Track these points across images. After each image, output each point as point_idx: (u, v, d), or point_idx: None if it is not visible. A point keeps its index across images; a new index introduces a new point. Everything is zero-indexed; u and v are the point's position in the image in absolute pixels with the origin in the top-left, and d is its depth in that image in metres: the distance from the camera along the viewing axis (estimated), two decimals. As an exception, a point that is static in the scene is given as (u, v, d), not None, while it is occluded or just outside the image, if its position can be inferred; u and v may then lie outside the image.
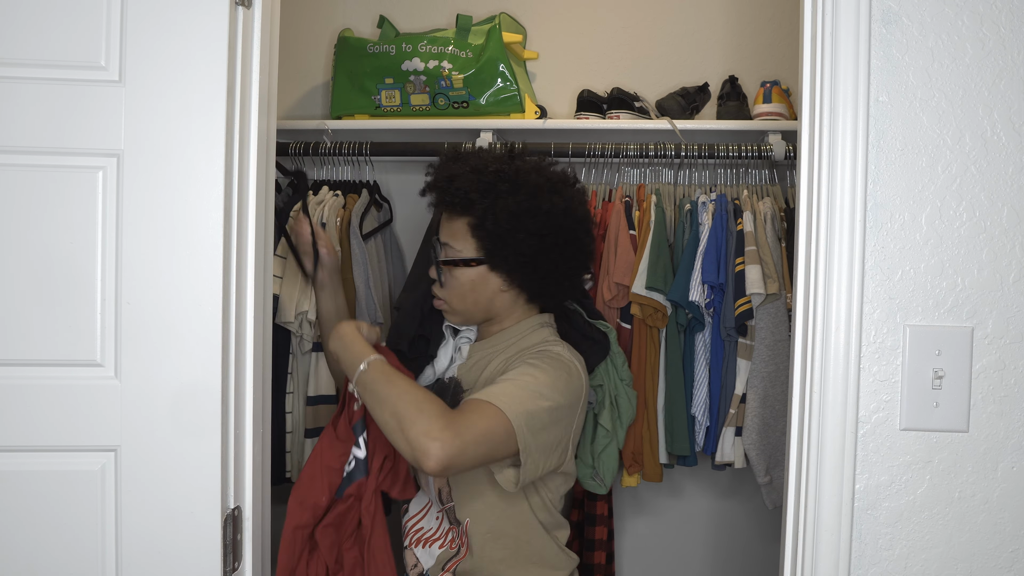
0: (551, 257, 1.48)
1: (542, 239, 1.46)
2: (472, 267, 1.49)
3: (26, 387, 1.12)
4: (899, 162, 1.07)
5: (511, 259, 1.47)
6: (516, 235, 1.45)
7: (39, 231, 1.11)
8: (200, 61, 1.11)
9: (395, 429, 1.31)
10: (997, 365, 1.07)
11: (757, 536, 2.34)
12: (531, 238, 1.45)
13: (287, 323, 2.02)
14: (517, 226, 1.45)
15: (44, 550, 1.13)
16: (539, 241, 1.46)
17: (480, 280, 1.49)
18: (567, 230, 1.49)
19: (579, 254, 1.54)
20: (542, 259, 1.47)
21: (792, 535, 1.12)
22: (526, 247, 1.46)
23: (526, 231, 1.45)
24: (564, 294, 1.58)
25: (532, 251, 1.46)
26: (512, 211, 1.44)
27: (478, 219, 1.47)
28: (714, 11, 2.31)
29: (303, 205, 1.77)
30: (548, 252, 1.47)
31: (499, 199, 1.45)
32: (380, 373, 1.37)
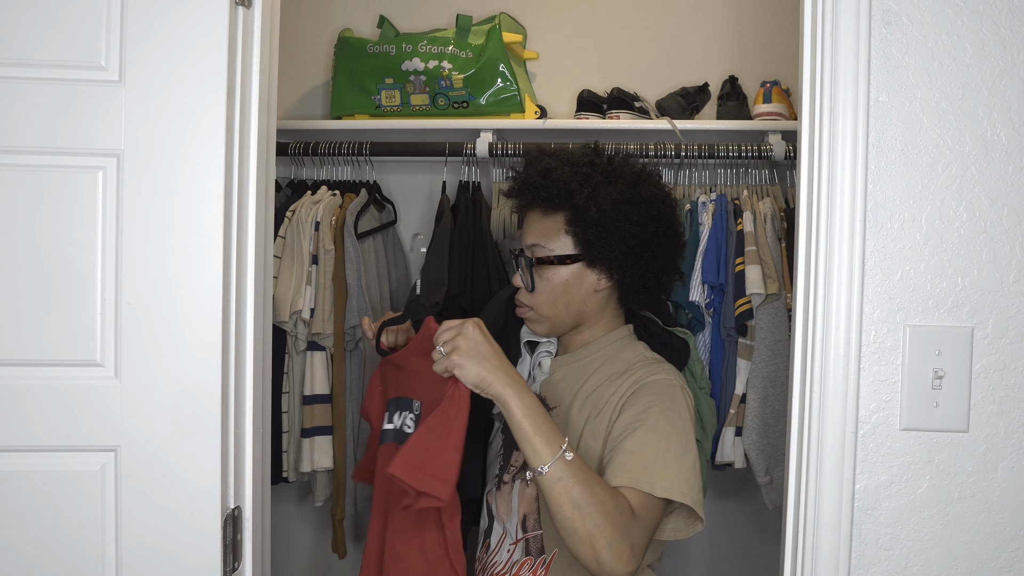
0: (651, 247, 1.43)
1: (644, 228, 1.42)
2: (567, 264, 1.42)
3: (26, 387, 1.12)
4: (899, 162, 1.07)
5: (614, 250, 1.41)
6: (620, 224, 1.40)
7: (39, 231, 1.11)
8: (200, 61, 1.11)
9: (579, 535, 1.18)
10: (997, 365, 1.07)
11: (757, 536, 2.34)
12: (634, 227, 1.41)
13: (281, 322, 2.02)
14: (620, 215, 1.40)
15: (44, 550, 1.13)
16: (641, 231, 1.42)
17: (575, 279, 1.43)
18: (666, 220, 1.46)
19: (677, 244, 1.50)
20: (643, 250, 1.43)
21: (792, 535, 1.12)
22: (629, 236, 1.41)
23: (629, 220, 1.41)
24: (660, 289, 1.51)
25: (635, 241, 1.41)
26: (615, 199, 1.40)
27: (578, 211, 1.41)
28: (714, 11, 2.31)
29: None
30: (649, 242, 1.43)
31: (600, 188, 1.40)
32: (578, 468, 1.20)
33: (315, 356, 2.10)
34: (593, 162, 1.45)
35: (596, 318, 1.47)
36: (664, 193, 1.48)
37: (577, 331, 1.48)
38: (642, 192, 1.43)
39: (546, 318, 1.45)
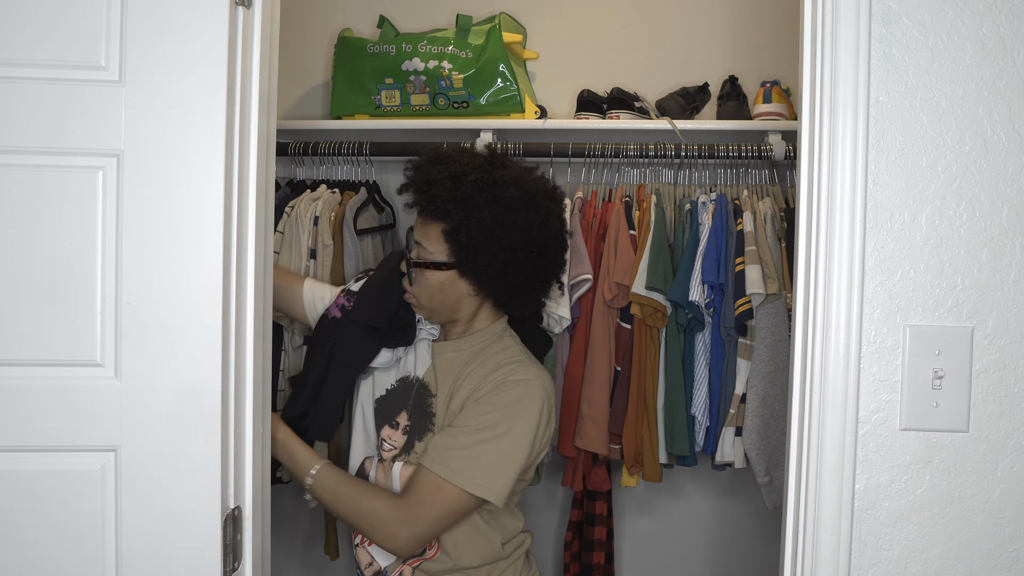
0: (521, 270, 1.49)
1: (514, 253, 1.47)
2: (443, 271, 1.50)
3: (26, 387, 1.12)
4: (899, 162, 1.07)
5: (481, 270, 1.48)
6: (489, 248, 1.46)
7: (39, 231, 1.11)
8: (200, 61, 1.11)
9: (362, 533, 1.49)
10: (997, 365, 1.07)
11: (757, 536, 2.34)
12: (503, 252, 1.46)
13: (279, 318, 2.02)
14: (490, 239, 1.45)
15: (44, 550, 1.13)
16: (511, 255, 1.47)
17: (449, 283, 1.51)
18: (540, 245, 1.50)
19: (550, 267, 1.55)
20: (512, 272, 1.48)
21: (792, 535, 1.12)
22: (497, 260, 1.46)
23: (499, 245, 1.46)
24: (531, 304, 1.60)
25: (503, 264, 1.47)
26: (487, 224, 1.45)
27: (452, 228, 1.47)
28: (714, 11, 2.31)
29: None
30: (519, 265, 1.48)
31: (475, 211, 1.45)
32: (325, 490, 1.48)
33: (313, 353, 2.10)
34: (479, 180, 1.47)
35: (472, 315, 1.56)
36: (544, 220, 1.49)
37: (455, 323, 1.57)
38: (517, 219, 1.46)
39: (425, 308, 1.55)
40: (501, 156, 1.57)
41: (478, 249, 1.46)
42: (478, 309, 1.55)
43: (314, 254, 2.08)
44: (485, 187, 1.46)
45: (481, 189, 1.46)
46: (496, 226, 1.45)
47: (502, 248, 1.46)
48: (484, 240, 1.45)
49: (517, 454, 1.44)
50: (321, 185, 2.21)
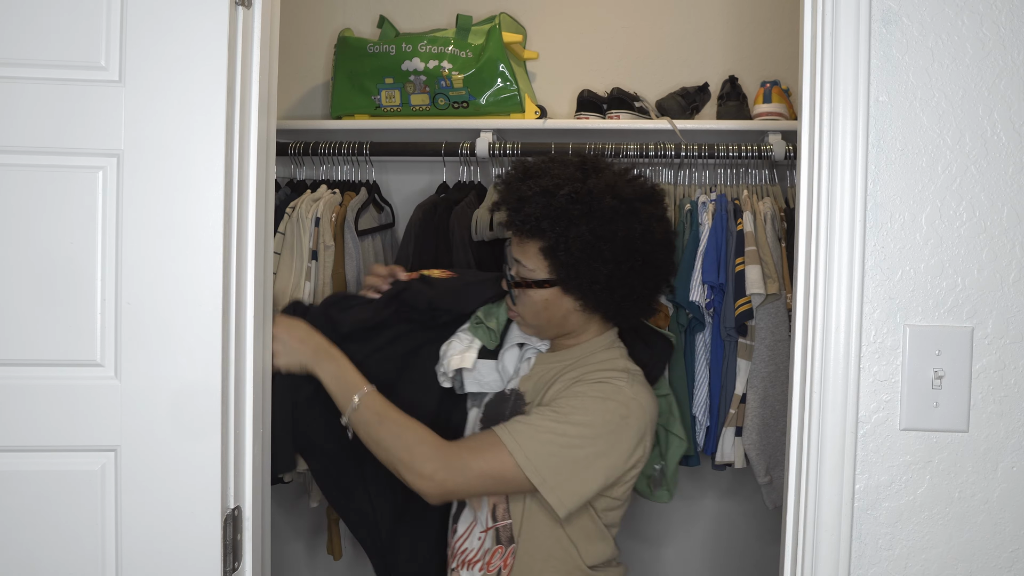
0: (627, 282, 1.42)
1: (618, 265, 1.39)
2: (545, 288, 1.43)
3: (26, 387, 1.12)
4: (899, 162, 1.07)
5: (585, 286, 1.41)
6: (590, 263, 1.39)
7: (39, 231, 1.11)
8: (200, 61, 1.11)
9: (394, 469, 1.39)
10: (997, 365, 1.07)
11: (757, 536, 2.34)
12: (606, 265, 1.39)
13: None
14: (591, 254, 1.38)
15: (44, 550, 1.13)
16: (615, 268, 1.39)
17: (554, 300, 1.44)
18: (644, 254, 1.42)
19: (657, 274, 1.47)
20: (617, 284, 1.41)
21: (792, 535, 1.12)
22: (600, 274, 1.39)
23: (600, 259, 1.38)
24: (641, 313, 1.52)
25: (607, 277, 1.40)
26: (586, 239, 1.37)
27: (550, 245, 1.40)
28: (714, 11, 2.31)
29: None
30: (624, 277, 1.41)
31: (571, 226, 1.38)
32: (372, 413, 1.40)
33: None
34: (573, 193, 1.39)
35: (581, 328, 1.50)
36: (645, 227, 1.42)
37: (564, 337, 1.51)
38: (617, 230, 1.39)
39: (531, 326, 1.50)
40: (594, 161, 1.49)
41: (579, 265, 1.39)
42: (587, 323, 1.49)
43: (315, 255, 2.08)
44: (579, 199, 1.39)
45: (575, 202, 1.38)
46: (595, 239, 1.38)
47: (604, 261, 1.39)
48: (584, 256, 1.38)
49: (591, 471, 1.35)
50: (321, 185, 2.21)
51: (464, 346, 1.56)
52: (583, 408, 1.36)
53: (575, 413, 1.36)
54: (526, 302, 1.46)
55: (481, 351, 1.56)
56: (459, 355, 1.55)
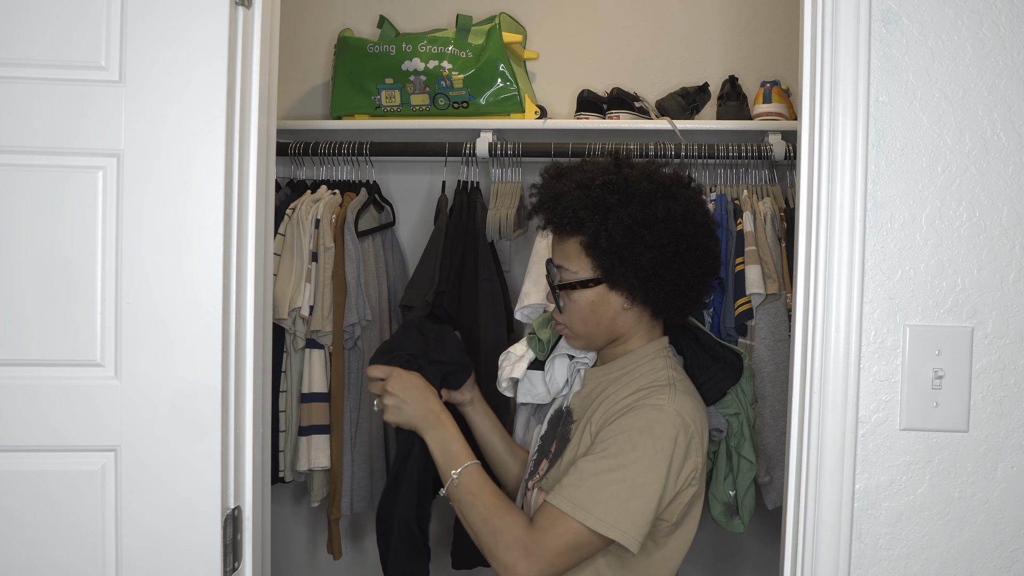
0: (674, 267, 1.37)
1: (662, 250, 1.35)
2: (591, 288, 1.39)
3: (26, 387, 1.12)
4: (899, 162, 1.07)
5: (631, 275, 1.36)
6: (634, 249, 1.34)
7: (39, 231, 1.11)
8: (200, 61, 1.11)
9: (483, 552, 1.35)
10: (997, 365, 1.07)
11: (757, 536, 2.34)
12: (650, 251, 1.35)
13: (280, 320, 2.03)
14: (633, 239, 1.34)
15: (44, 550, 1.13)
16: (659, 252, 1.35)
17: (600, 300, 1.39)
18: (688, 237, 1.37)
19: (703, 260, 1.41)
20: (664, 271, 1.36)
21: (792, 535, 1.12)
22: (646, 260, 1.35)
23: (643, 244, 1.34)
24: (691, 304, 1.45)
25: (652, 264, 1.35)
26: (626, 224, 1.34)
27: (591, 237, 1.37)
28: (714, 11, 2.31)
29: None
30: (670, 263, 1.36)
31: (610, 213, 1.35)
32: (467, 492, 1.37)
33: (313, 354, 2.10)
34: (608, 182, 1.37)
35: (631, 332, 1.43)
36: (685, 208, 1.38)
37: (613, 345, 1.45)
38: (657, 212, 1.35)
39: (580, 336, 1.44)
40: (626, 157, 1.47)
41: (622, 253, 1.35)
42: (637, 324, 1.42)
43: (315, 257, 2.08)
44: (615, 188, 1.36)
45: (612, 191, 1.36)
46: (636, 224, 1.34)
47: (647, 246, 1.34)
48: (627, 241, 1.34)
49: (646, 488, 1.28)
50: (321, 186, 2.21)
51: (517, 356, 1.57)
52: (631, 445, 1.30)
53: (623, 455, 1.30)
54: (572, 308, 1.41)
55: (533, 362, 1.56)
56: (511, 365, 1.56)
